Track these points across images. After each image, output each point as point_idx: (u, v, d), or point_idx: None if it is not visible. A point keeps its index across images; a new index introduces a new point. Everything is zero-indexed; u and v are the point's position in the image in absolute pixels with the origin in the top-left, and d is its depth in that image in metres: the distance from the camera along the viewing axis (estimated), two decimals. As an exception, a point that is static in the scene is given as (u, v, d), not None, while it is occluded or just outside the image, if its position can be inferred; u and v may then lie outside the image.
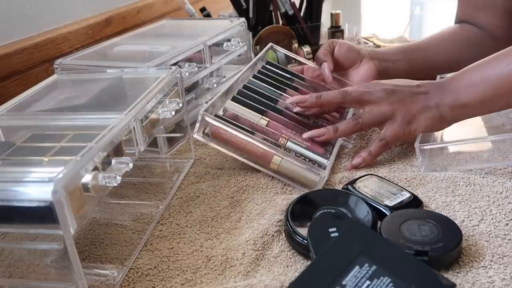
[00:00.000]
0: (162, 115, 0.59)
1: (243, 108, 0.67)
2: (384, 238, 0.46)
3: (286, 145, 0.64)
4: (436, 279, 0.39)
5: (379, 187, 0.57)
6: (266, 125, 0.66)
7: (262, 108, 0.68)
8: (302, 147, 0.64)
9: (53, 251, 0.43)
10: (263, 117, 0.67)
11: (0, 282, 0.48)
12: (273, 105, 0.70)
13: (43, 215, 0.39)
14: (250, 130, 0.63)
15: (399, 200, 0.54)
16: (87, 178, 0.42)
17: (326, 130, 0.63)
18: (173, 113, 0.60)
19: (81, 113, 0.55)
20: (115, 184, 0.45)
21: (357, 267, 0.40)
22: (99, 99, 0.61)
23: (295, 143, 0.64)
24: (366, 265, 0.40)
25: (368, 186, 0.57)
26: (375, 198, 0.55)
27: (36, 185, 0.39)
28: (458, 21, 0.85)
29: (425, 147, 0.61)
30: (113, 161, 0.47)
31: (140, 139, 0.53)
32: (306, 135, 0.64)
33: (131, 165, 0.48)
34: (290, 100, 0.67)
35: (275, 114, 0.68)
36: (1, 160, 0.47)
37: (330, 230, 0.47)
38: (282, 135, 0.64)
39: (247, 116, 0.66)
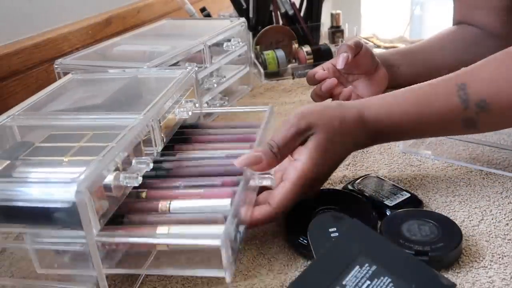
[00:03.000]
0: (178, 115, 0.59)
1: None
2: (384, 238, 0.46)
3: (170, 208, 0.47)
4: (436, 279, 0.39)
5: (379, 187, 0.57)
6: (146, 197, 0.50)
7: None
8: (195, 199, 0.48)
9: (71, 252, 0.43)
10: (140, 189, 0.49)
11: (15, 283, 0.48)
12: (155, 169, 0.52)
13: (66, 216, 0.39)
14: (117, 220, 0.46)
15: (399, 200, 0.54)
16: (109, 178, 0.42)
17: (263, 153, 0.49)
18: (190, 113, 0.60)
19: (99, 113, 0.55)
20: (136, 184, 0.45)
21: (357, 267, 0.40)
22: (115, 99, 0.61)
23: (183, 199, 0.48)
24: (366, 265, 0.40)
25: (368, 186, 0.57)
26: (375, 198, 0.55)
27: (59, 186, 0.39)
28: (456, 22, 0.85)
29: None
30: (134, 161, 0.47)
31: (158, 139, 0.53)
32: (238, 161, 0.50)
33: (151, 165, 0.47)
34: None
35: (157, 180, 0.52)
36: (20, 160, 0.47)
37: (330, 230, 0.47)
38: (161, 200, 0.48)
39: None
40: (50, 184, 0.40)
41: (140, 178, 0.45)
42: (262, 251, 0.50)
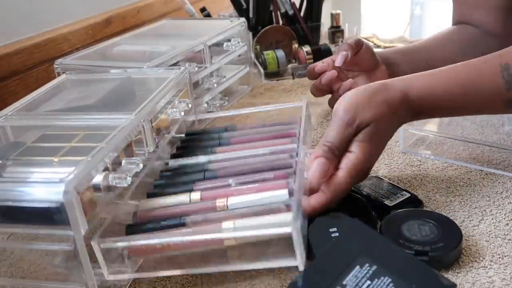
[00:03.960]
0: (171, 116, 0.59)
1: (164, 198, 0.51)
2: (384, 238, 0.46)
3: (228, 205, 0.48)
4: (436, 279, 0.39)
5: (379, 187, 0.57)
6: (201, 199, 0.50)
7: (188, 183, 0.53)
8: (251, 193, 0.48)
9: (60, 252, 0.42)
10: (193, 191, 0.51)
11: (6, 283, 0.48)
12: (203, 171, 0.54)
13: (53, 216, 0.39)
14: (179, 222, 0.46)
15: (399, 200, 0.54)
16: (97, 178, 0.42)
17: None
18: (183, 113, 0.60)
19: (91, 113, 0.55)
20: (125, 185, 0.45)
21: (357, 267, 0.40)
22: (108, 99, 0.61)
23: (239, 195, 0.48)
24: (367, 265, 0.40)
25: (368, 186, 0.57)
26: (375, 198, 0.55)
27: (47, 186, 0.39)
28: (455, 22, 0.85)
29: (410, 131, 0.67)
30: (123, 162, 0.47)
31: (150, 139, 0.53)
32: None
33: (141, 165, 0.47)
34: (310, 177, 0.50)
35: (207, 181, 0.53)
36: (11, 160, 0.47)
37: (330, 230, 0.47)
38: (218, 198, 0.48)
39: (173, 203, 0.50)
40: (38, 184, 0.40)
41: (129, 179, 0.45)
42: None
